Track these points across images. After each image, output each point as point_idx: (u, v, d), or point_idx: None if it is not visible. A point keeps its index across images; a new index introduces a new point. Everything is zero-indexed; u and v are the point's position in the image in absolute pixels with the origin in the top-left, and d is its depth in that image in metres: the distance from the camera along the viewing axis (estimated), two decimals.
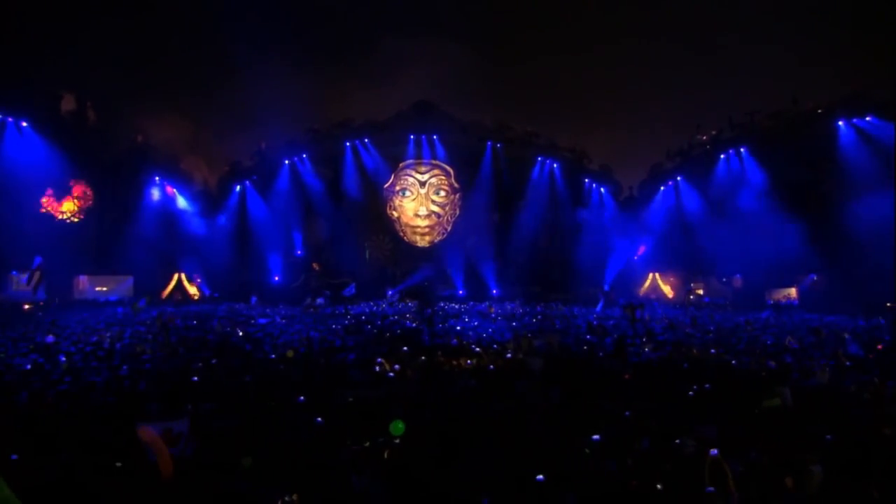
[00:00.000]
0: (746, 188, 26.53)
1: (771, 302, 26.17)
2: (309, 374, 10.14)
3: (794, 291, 27.13)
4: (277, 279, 29.50)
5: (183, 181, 28.77)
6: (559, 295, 27.83)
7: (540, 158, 31.04)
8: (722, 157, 27.71)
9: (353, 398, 8.13)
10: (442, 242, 31.82)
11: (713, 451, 5.75)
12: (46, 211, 24.44)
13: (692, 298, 28.38)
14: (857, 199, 22.15)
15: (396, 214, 32.03)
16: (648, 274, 31.08)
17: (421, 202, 31.66)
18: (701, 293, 29.90)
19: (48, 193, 24.70)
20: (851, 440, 6.45)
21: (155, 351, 12.55)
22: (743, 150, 26.88)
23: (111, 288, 26.20)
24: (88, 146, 25.11)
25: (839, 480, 5.54)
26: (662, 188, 30.24)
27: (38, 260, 15.73)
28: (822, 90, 26.63)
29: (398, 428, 6.46)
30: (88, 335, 14.37)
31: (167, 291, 27.17)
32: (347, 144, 30.46)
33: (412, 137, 30.67)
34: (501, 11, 37.67)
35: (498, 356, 12.31)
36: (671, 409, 7.85)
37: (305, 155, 30.35)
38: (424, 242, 32.01)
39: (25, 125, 22.94)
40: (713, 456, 5.69)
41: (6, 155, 22.25)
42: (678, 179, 29.49)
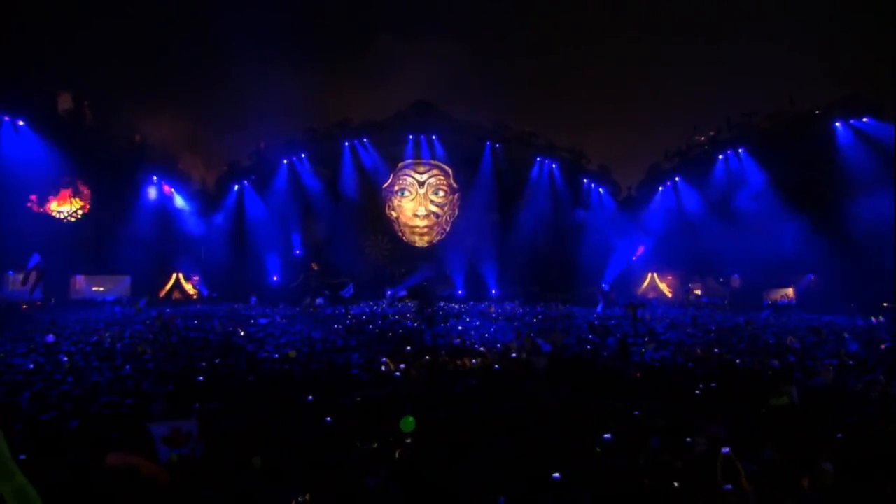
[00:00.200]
0: (744, 188, 26.66)
1: (768, 302, 26.29)
2: (314, 373, 10.08)
3: (791, 291, 27.29)
4: (276, 279, 29.36)
5: (181, 181, 28.62)
6: (558, 295, 27.84)
7: (539, 158, 31.04)
8: (720, 157, 27.82)
9: (360, 398, 8.09)
10: (441, 242, 31.80)
11: (725, 449, 5.75)
12: (42, 210, 24.27)
13: (691, 298, 28.46)
14: (854, 199, 22.32)
15: (395, 214, 31.97)
16: (647, 274, 31.16)
17: (420, 202, 31.61)
18: (698, 293, 30.01)
19: (43, 193, 24.54)
20: (862, 438, 6.46)
21: (156, 351, 12.46)
22: (741, 150, 26.99)
23: (108, 288, 26.07)
24: (86, 145, 24.87)
25: (851, 478, 5.55)
26: (661, 188, 30.30)
27: (35, 258, 15.44)
28: (819, 91, 26.90)
29: (409, 424, 6.41)
30: (88, 335, 14.26)
31: (165, 291, 27.04)
32: (346, 144, 30.39)
33: (411, 137, 30.62)
34: (500, 12, 37.70)
35: (502, 356, 12.29)
36: (679, 408, 7.84)
37: (304, 155, 30.25)
38: (423, 242, 31.98)
39: (22, 124, 22.71)
40: (725, 454, 5.69)
41: (3, 154, 21.98)
42: (676, 180, 29.56)
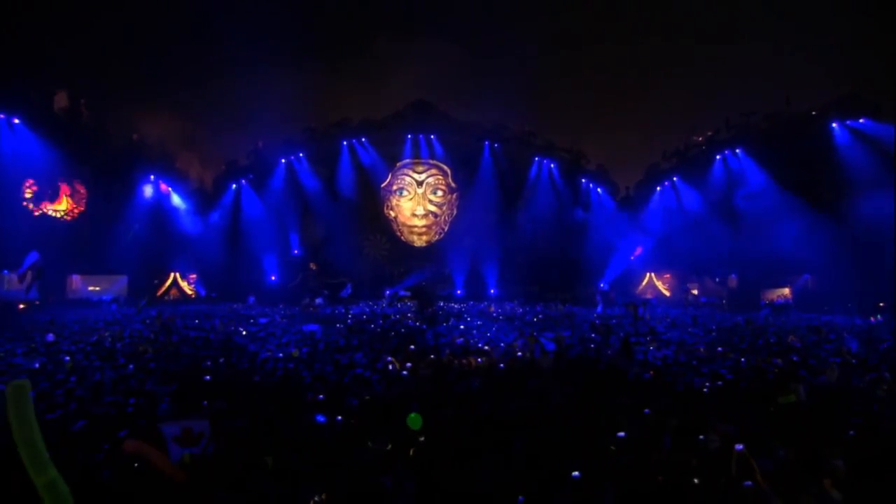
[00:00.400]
0: (742, 189, 26.81)
1: (765, 302, 26.43)
2: (319, 372, 10.02)
3: (787, 291, 27.46)
4: (274, 279, 29.24)
5: (178, 180, 28.45)
6: (557, 295, 27.86)
7: (537, 158, 31.11)
8: (718, 157, 27.94)
9: (369, 396, 8.05)
10: (439, 242, 31.80)
11: (739, 446, 5.76)
12: (38, 209, 24.04)
13: (689, 298, 28.57)
14: (850, 199, 22.50)
15: (393, 214, 31.93)
16: (645, 274, 31.26)
17: (418, 202, 31.58)
18: (695, 293, 30.14)
19: (39, 192, 24.32)
20: (872, 436, 6.48)
21: (157, 350, 12.36)
22: (739, 150, 27.14)
23: (104, 287, 25.94)
24: (82, 144, 24.72)
25: (863, 476, 5.56)
26: (659, 188, 30.41)
27: (33, 256, 15.18)
28: (816, 92, 27.11)
29: (416, 421, 6.37)
30: (88, 335, 14.13)
31: (162, 291, 26.88)
32: (344, 143, 30.35)
33: (409, 137, 30.64)
34: (499, 12, 37.72)
35: (506, 355, 12.27)
36: (688, 406, 7.84)
37: (302, 154, 30.20)
38: (421, 242, 31.95)
39: (18, 122, 22.51)
40: (740, 451, 5.69)
41: None
42: (674, 180, 29.67)
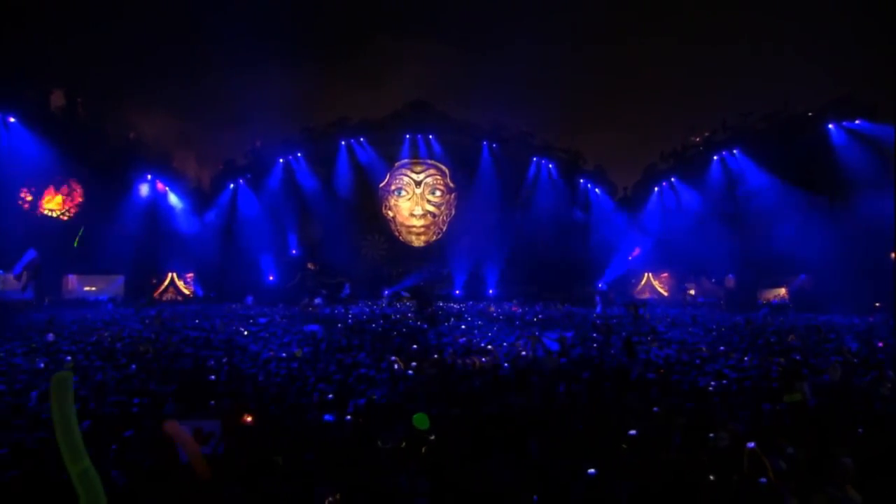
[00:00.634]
0: (739, 189, 26.95)
1: (762, 302, 26.56)
2: (323, 372, 9.99)
3: (783, 291, 27.63)
4: (272, 279, 29.10)
5: (176, 179, 28.28)
6: (555, 295, 27.88)
7: (535, 158, 31.14)
8: (715, 158, 28.04)
9: (378, 395, 8.03)
10: (437, 242, 31.77)
11: (750, 444, 5.78)
12: (34, 209, 23.85)
13: (688, 298, 28.69)
14: (847, 200, 22.66)
15: (392, 214, 31.88)
16: (643, 274, 31.34)
17: (416, 202, 31.55)
18: (692, 293, 30.27)
19: (35, 191, 24.13)
20: (880, 434, 6.52)
21: (158, 350, 12.28)
22: (736, 151, 27.27)
23: (100, 287, 25.76)
24: (78, 143, 24.51)
25: (872, 474, 5.59)
26: (656, 189, 30.50)
27: (31, 254, 15.03)
28: (814, 94, 27.32)
29: (422, 421, 6.35)
30: (87, 334, 14.03)
31: (160, 291, 26.72)
32: (343, 143, 30.26)
33: (408, 137, 30.58)
34: (498, 13, 37.77)
35: (509, 354, 12.27)
36: (695, 405, 7.86)
37: (300, 154, 30.09)
38: (420, 242, 31.92)
39: (13, 121, 22.31)
40: (751, 448, 5.72)
41: None
42: (672, 180, 29.78)
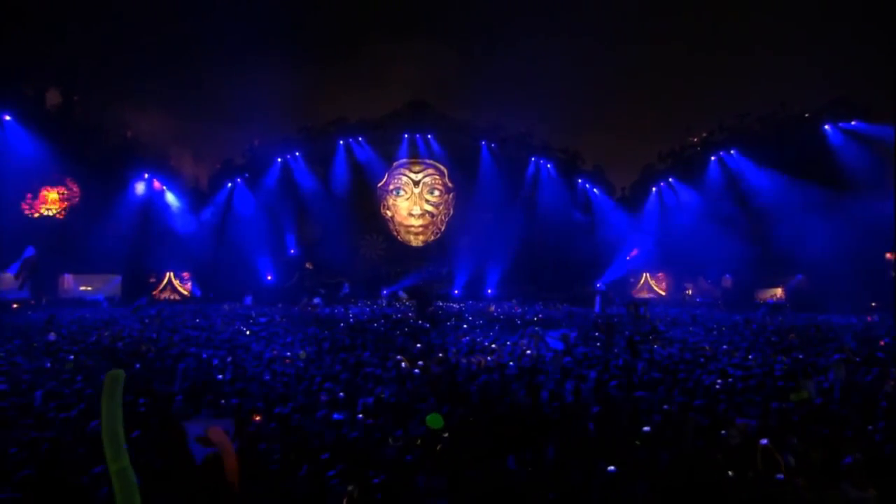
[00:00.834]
0: (736, 189, 27.10)
1: (759, 302, 26.72)
2: (330, 371, 9.96)
3: (780, 291, 27.81)
4: (270, 279, 28.96)
5: (173, 179, 28.10)
6: (554, 294, 27.93)
7: (534, 158, 31.17)
8: (713, 158, 28.21)
9: (387, 394, 8.01)
10: (436, 242, 31.74)
11: (763, 440, 5.81)
12: (29, 208, 23.67)
13: (686, 298, 28.82)
14: (843, 200, 22.81)
15: (390, 214, 31.83)
16: (641, 274, 31.44)
17: (415, 201, 31.51)
18: (689, 293, 30.41)
19: (31, 189, 23.95)
20: (890, 431, 6.56)
21: (160, 350, 12.21)
22: (733, 151, 27.44)
23: (97, 287, 25.56)
24: (75, 141, 24.36)
25: (882, 471, 5.63)
26: (654, 189, 30.61)
27: (29, 251, 14.92)
28: (810, 95, 27.55)
29: (436, 420, 6.35)
30: (87, 334, 13.91)
31: (158, 290, 26.57)
32: (341, 143, 30.17)
33: (406, 136, 30.54)
34: (497, 13, 37.81)
35: (513, 354, 12.28)
36: (703, 403, 7.88)
37: (298, 153, 29.96)
38: (418, 242, 31.89)
39: (9, 119, 22.13)
40: (764, 445, 5.75)
41: None
42: (670, 180, 29.91)
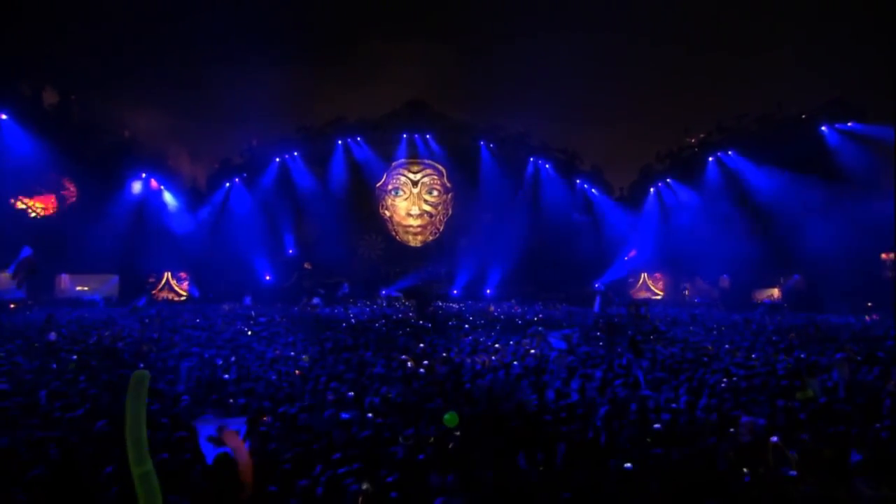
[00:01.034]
0: (734, 190, 27.23)
1: (755, 302, 26.83)
2: (335, 370, 9.94)
3: (776, 291, 27.96)
4: (269, 279, 28.86)
5: (171, 178, 27.96)
6: (554, 294, 27.98)
7: (532, 158, 31.23)
8: (711, 159, 28.33)
9: (394, 394, 8.01)
10: (434, 242, 31.74)
11: (774, 437, 5.85)
12: (26, 207, 23.50)
13: (685, 298, 28.94)
14: (840, 201, 22.98)
15: (389, 214, 31.80)
16: (640, 274, 31.54)
17: (413, 202, 31.50)
18: (687, 293, 30.52)
19: (27, 189, 23.78)
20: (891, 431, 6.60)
21: (161, 350, 12.15)
22: (731, 152, 27.57)
23: (93, 287, 25.42)
24: (72, 140, 24.18)
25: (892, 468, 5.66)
26: (652, 189, 30.72)
27: (26, 251, 14.82)
28: (807, 96, 27.76)
29: (452, 419, 6.36)
30: (87, 334, 13.82)
31: (157, 291, 26.44)
32: (339, 143, 30.12)
33: (405, 136, 30.51)
34: (496, 13, 37.91)
35: (516, 353, 12.28)
36: (714, 401, 7.90)
37: (297, 153, 29.88)
38: (417, 242, 31.87)
39: (5, 118, 21.97)
40: (775, 443, 5.79)
41: None
42: (668, 181, 30.02)
